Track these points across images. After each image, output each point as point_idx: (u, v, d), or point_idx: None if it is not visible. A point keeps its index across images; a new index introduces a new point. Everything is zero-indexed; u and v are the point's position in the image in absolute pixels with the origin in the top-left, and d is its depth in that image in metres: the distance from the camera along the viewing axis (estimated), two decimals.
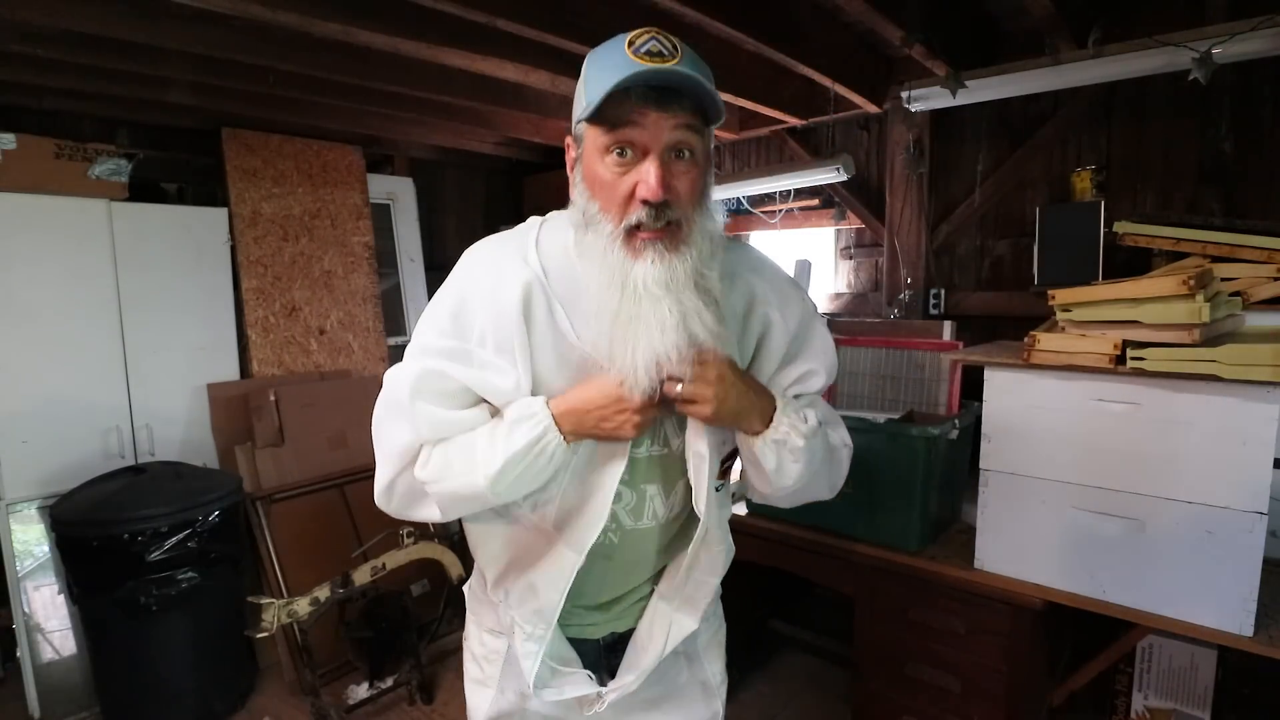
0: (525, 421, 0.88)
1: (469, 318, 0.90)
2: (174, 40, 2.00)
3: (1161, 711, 1.88)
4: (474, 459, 0.90)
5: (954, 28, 2.24)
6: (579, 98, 0.87)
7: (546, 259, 0.91)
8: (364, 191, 3.37)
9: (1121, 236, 2.02)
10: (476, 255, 0.96)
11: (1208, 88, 1.91)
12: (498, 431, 0.90)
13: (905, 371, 2.31)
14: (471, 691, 1.16)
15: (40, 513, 2.46)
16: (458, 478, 0.91)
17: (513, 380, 0.89)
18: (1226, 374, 1.32)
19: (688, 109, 0.82)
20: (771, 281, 1.00)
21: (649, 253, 0.83)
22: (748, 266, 0.99)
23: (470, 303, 0.90)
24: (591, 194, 0.86)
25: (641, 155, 0.82)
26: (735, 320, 0.96)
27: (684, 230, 0.85)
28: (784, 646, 2.77)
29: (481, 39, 2.04)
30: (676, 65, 0.79)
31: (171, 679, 2.29)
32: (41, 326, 2.49)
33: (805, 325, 1.02)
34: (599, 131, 0.83)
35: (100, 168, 2.61)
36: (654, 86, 0.80)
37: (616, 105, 0.80)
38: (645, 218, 0.82)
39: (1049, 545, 1.60)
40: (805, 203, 3.05)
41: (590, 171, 0.86)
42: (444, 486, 0.93)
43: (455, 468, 0.92)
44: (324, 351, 3.21)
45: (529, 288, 0.89)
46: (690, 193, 0.85)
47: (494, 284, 0.90)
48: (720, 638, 1.23)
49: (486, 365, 0.89)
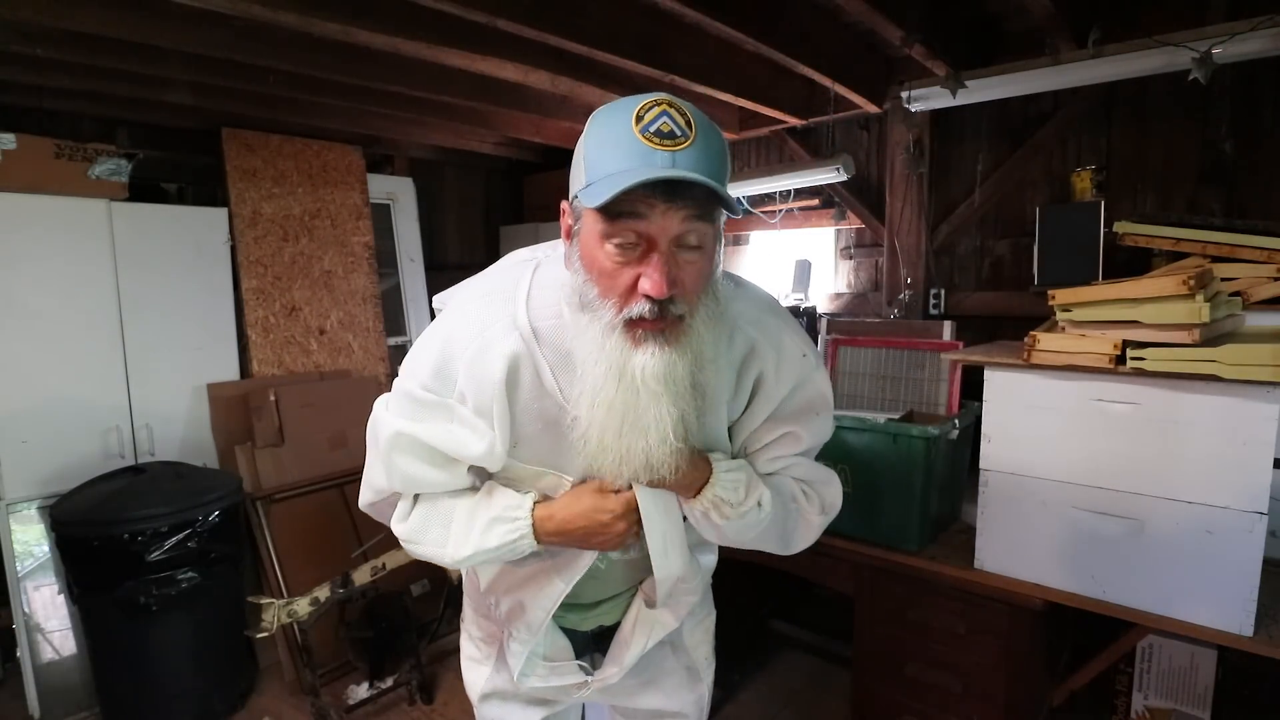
0: (505, 524, 0.92)
1: (450, 376, 0.89)
2: (174, 40, 2.00)
3: (1161, 711, 1.88)
4: (447, 535, 0.94)
5: (954, 28, 2.24)
6: (579, 167, 0.80)
7: (537, 319, 0.88)
8: (364, 191, 3.37)
9: (1121, 236, 2.02)
10: (463, 313, 0.92)
11: (1208, 88, 1.91)
12: (476, 519, 0.93)
13: (905, 371, 2.31)
14: (468, 668, 1.20)
15: (40, 513, 2.46)
16: (429, 545, 0.96)
17: (486, 444, 0.89)
18: (1226, 374, 1.32)
19: (699, 198, 0.75)
20: (772, 339, 0.95)
21: (650, 344, 0.79)
22: (749, 319, 0.94)
23: (454, 363, 0.89)
24: (589, 277, 0.80)
25: (646, 247, 0.76)
26: (732, 369, 0.94)
27: (685, 322, 0.80)
28: (784, 646, 2.76)
29: (481, 39, 2.04)
30: (689, 149, 0.74)
31: (171, 679, 2.29)
32: (41, 326, 2.49)
33: (799, 387, 0.97)
34: (599, 218, 0.76)
35: (100, 168, 2.61)
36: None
37: (619, 195, 0.72)
38: (647, 313, 0.77)
39: (1049, 545, 1.60)
40: (805, 203, 3.05)
41: (589, 255, 0.80)
42: (416, 549, 0.98)
43: (430, 535, 0.96)
44: (324, 351, 3.21)
45: (515, 360, 0.87)
46: (696, 282, 0.80)
47: (478, 351, 0.88)
48: (708, 624, 1.26)
49: (464, 422, 0.89)
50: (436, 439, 0.90)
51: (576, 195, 0.80)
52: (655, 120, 0.74)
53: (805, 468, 1.05)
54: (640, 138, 0.74)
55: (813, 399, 0.99)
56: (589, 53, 2.04)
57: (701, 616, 1.24)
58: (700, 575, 1.09)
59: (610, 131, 0.77)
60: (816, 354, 1.01)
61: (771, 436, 0.99)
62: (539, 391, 0.89)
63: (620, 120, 0.76)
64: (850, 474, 1.84)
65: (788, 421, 0.99)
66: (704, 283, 0.82)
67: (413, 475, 0.93)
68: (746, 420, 0.98)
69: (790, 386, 0.96)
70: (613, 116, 0.78)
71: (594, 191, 0.74)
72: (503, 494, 0.94)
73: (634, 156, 0.74)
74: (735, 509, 0.93)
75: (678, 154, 0.73)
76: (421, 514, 0.96)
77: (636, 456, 0.81)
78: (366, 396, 3.05)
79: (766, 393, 0.96)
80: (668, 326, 0.79)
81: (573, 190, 0.82)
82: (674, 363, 0.79)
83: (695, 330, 0.81)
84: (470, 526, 0.93)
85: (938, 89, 2.25)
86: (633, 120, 0.75)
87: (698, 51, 2.25)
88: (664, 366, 0.79)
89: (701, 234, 0.78)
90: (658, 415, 0.80)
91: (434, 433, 0.90)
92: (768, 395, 0.96)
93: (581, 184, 0.78)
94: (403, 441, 0.91)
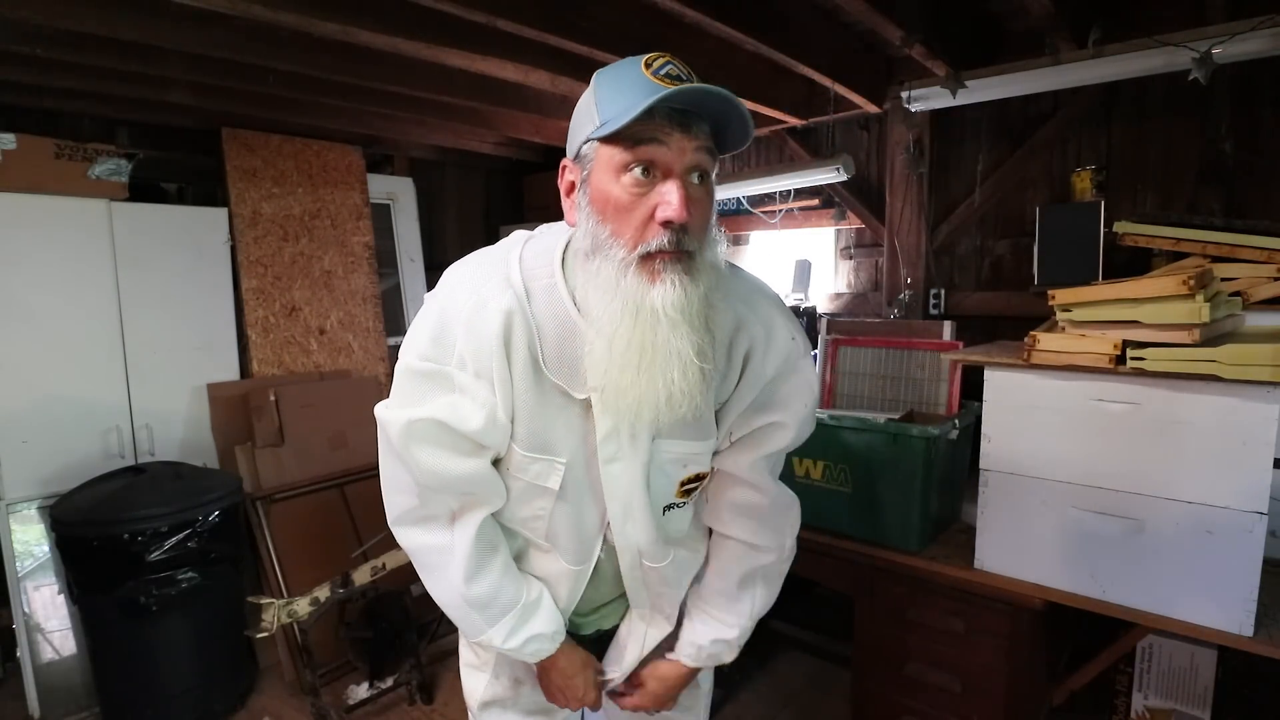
0: (539, 643, 1.02)
1: (449, 341, 0.88)
2: (174, 40, 2.00)
3: (1161, 711, 1.88)
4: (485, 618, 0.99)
5: (954, 28, 2.24)
6: (588, 116, 0.83)
7: (530, 278, 0.89)
8: (364, 191, 3.37)
9: (1121, 236, 2.02)
10: (457, 275, 0.94)
11: (1208, 88, 1.91)
12: (517, 619, 1.00)
13: (905, 371, 2.31)
14: (467, 675, 1.19)
15: (40, 513, 2.46)
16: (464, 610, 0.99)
17: (486, 412, 0.88)
18: (1226, 374, 1.32)
19: (707, 132, 0.81)
20: (761, 316, 0.96)
21: (668, 276, 0.79)
22: (740, 297, 0.95)
23: (452, 327, 0.88)
24: (602, 217, 0.81)
25: (662, 176, 0.80)
26: (723, 346, 0.94)
27: (696, 261, 0.82)
28: (784, 646, 2.76)
29: (481, 39, 2.04)
30: (697, 87, 0.77)
31: (171, 679, 2.29)
32: (41, 326, 2.49)
33: (785, 371, 0.97)
34: (618, 150, 0.79)
35: (100, 168, 2.61)
36: (677, 109, 0.78)
37: (639, 124, 0.76)
38: (666, 243, 0.79)
39: (1049, 545, 1.60)
40: (805, 203, 3.05)
41: (601, 193, 0.81)
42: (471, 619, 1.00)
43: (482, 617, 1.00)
44: (324, 351, 3.21)
45: (510, 315, 0.86)
46: (703, 221, 0.83)
47: (474, 308, 0.87)
48: None
49: (465, 390, 0.88)
50: (443, 414, 0.88)
51: (586, 140, 0.82)
52: (664, 66, 0.80)
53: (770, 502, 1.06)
54: (652, 78, 0.78)
55: (800, 389, 1.00)
56: (589, 53, 2.03)
57: None
58: (673, 563, 1.05)
59: (622, 78, 0.81)
60: (806, 342, 1.02)
61: (760, 423, 0.99)
62: (531, 355, 0.89)
63: (629, 69, 0.81)
64: (850, 474, 1.84)
65: (775, 409, 0.99)
66: (709, 221, 0.85)
67: (434, 468, 0.90)
68: (734, 401, 0.98)
69: (778, 367, 0.97)
70: (620, 69, 0.82)
71: (613, 124, 0.77)
72: (545, 617, 1.02)
73: (649, 92, 0.76)
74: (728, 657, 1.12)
75: (700, 86, 0.77)
76: (489, 591, 0.98)
77: (659, 392, 0.82)
78: (367, 396, 3.07)
79: (754, 369, 0.96)
80: (684, 259, 0.81)
81: (578, 140, 0.84)
82: (690, 294, 0.80)
83: (704, 268, 0.83)
84: (516, 629, 1.00)
85: (938, 89, 2.25)
86: (642, 66, 0.80)
87: (698, 51, 2.25)
88: (682, 298, 0.80)
89: (709, 169, 0.83)
90: (679, 345, 0.80)
91: (439, 408, 0.89)
92: (755, 372, 0.96)
93: (594, 125, 0.81)
94: (416, 429, 0.89)
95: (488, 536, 0.98)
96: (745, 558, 1.08)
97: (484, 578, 0.97)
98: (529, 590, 1.01)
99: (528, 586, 1.02)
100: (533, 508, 0.97)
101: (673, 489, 0.99)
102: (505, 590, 0.98)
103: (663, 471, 0.97)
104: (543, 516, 0.97)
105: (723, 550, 1.10)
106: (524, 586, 1.01)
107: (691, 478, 1.00)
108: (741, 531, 1.07)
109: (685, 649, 1.11)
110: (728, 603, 1.09)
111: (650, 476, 0.96)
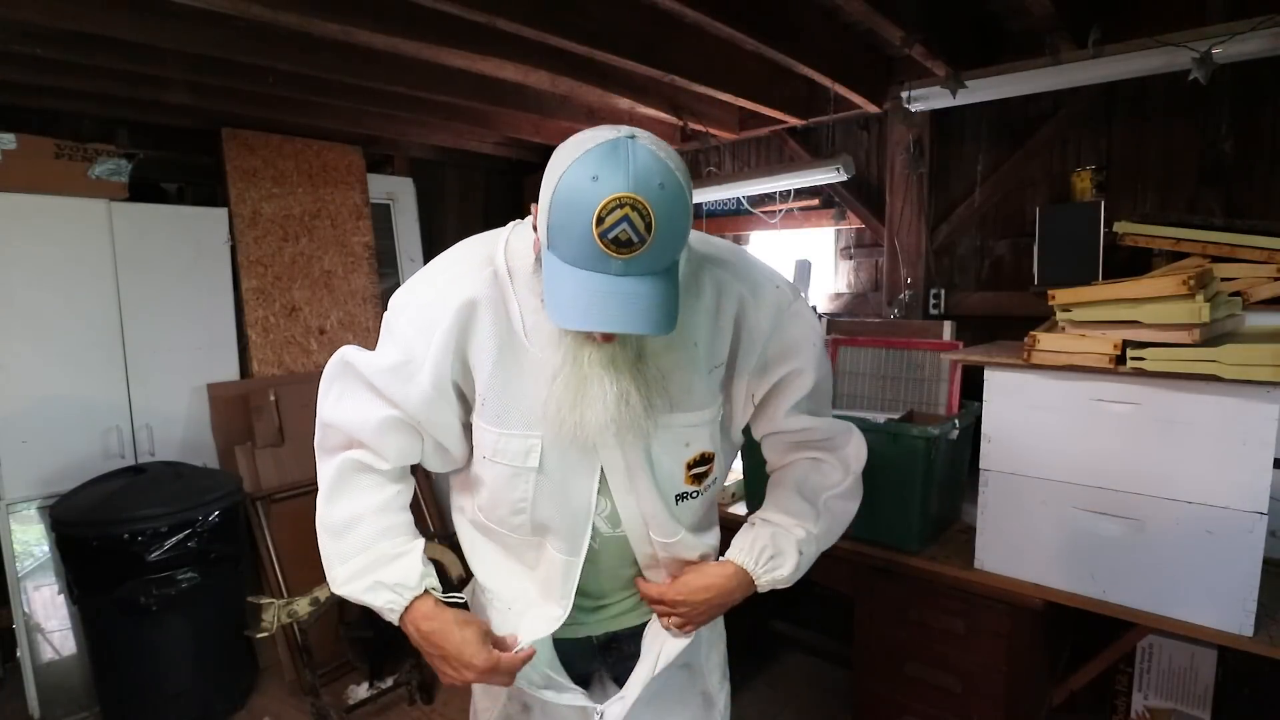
0: (387, 592, 0.96)
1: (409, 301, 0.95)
2: (174, 40, 2.00)
3: (1161, 711, 1.88)
4: (344, 558, 0.97)
5: (954, 28, 2.24)
6: (544, 206, 0.79)
7: (515, 258, 0.93)
8: (364, 191, 3.37)
9: (1121, 236, 2.02)
10: (449, 250, 0.99)
11: (1208, 88, 1.91)
12: (371, 570, 0.96)
13: (905, 371, 2.31)
14: (478, 693, 1.18)
15: (40, 513, 2.46)
16: (328, 544, 0.99)
17: (399, 357, 0.93)
18: (1227, 374, 1.32)
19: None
20: (741, 274, 0.96)
21: (604, 350, 0.86)
22: (714, 262, 0.95)
23: (417, 289, 0.96)
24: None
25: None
26: (709, 316, 0.94)
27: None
28: (784, 646, 2.76)
29: (481, 39, 2.04)
30: (643, 254, 0.74)
31: (171, 679, 2.29)
32: (41, 326, 2.49)
33: (781, 321, 0.98)
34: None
35: (100, 168, 2.61)
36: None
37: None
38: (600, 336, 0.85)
39: (1049, 545, 1.60)
40: (805, 203, 3.05)
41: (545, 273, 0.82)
42: (320, 532, 1.00)
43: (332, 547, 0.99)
44: (324, 351, 3.21)
45: (475, 302, 0.91)
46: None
47: (446, 283, 0.93)
48: (720, 646, 1.24)
49: (404, 342, 0.93)
50: (375, 356, 0.95)
51: (539, 234, 0.82)
52: (614, 227, 0.73)
53: (823, 428, 1.06)
54: (598, 241, 0.74)
55: (803, 331, 1.01)
56: (589, 53, 2.03)
57: (713, 638, 1.21)
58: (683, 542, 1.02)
59: (572, 216, 0.75)
60: (791, 285, 1.02)
61: (777, 376, 1.00)
62: (506, 332, 0.92)
63: (582, 212, 0.74)
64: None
65: (786, 359, 1.00)
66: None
67: (344, 405, 0.97)
68: (740, 365, 0.98)
69: (772, 319, 0.97)
70: (577, 195, 0.74)
71: (550, 290, 0.79)
72: (403, 567, 0.97)
73: (589, 259, 0.75)
74: (792, 573, 1.03)
75: (630, 260, 0.75)
76: (345, 518, 0.98)
77: (591, 425, 0.86)
78: None
79: (750, 328, 0.96)
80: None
81: (538, 224, 0.82)
82: (615, 353, 0.86)
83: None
84: (363, 572, 0.96)
85: (938, 89, 2.25)
86: (593, 221, 0.73)
87: (698, 51, 2.25)
88: (607, 355, 0.86)
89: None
90: (602, 391, 0.85)
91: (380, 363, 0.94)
92: (751, 331, 0.96)
93: (544, 231, 0.79)
94: (348, 355, 0.97)
95: (367, 465, 0.98)
96: (811, 472, 1.08)
97: (343, 501, 0.98)
98: (398, 543, 0.99)
99: (400, 540, 0.99)
100: (514, 497, 0.96)
101: (679, 472, 0.97)
102: (366, 524, 0.97)
103: (664, 448, 0.96)
104: (525, 506, 0.96)
105: (786, 471, 1.11)
106: (394, 537, 0.99)
107: (697, 459, 0.98)
108: (801, 455, 1.09)
109: (739, 545, 1.05)
110: (792, 506, 1.06)
111: (651, 452, 0.95)
